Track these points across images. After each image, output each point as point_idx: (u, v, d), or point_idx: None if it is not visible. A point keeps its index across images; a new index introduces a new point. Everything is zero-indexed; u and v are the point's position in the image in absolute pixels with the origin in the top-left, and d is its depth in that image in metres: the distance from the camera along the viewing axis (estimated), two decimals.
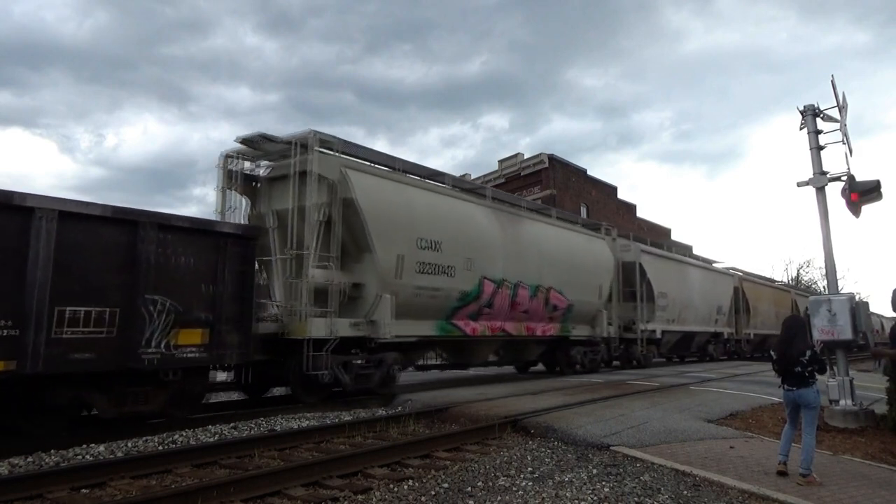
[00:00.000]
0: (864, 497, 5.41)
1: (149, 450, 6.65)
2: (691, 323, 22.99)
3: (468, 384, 13.45)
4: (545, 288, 15.08)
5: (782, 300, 34.03)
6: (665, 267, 21.67)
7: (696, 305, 23.46)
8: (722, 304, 26.11)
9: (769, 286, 32.67)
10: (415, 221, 11.63)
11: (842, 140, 10.04)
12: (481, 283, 12.92)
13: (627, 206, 39.76)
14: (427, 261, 11.70)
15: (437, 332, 12.31)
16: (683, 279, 22.71)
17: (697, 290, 23.58)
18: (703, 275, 24.79)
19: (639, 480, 5.66)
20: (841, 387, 9.20)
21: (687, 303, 22.57)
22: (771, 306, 31.93)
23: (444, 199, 12.98)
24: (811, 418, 5.96)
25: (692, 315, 23.09)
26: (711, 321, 24.93)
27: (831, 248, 10.03)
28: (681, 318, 22.00)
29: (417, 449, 6.65)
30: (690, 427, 8.10)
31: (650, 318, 19.51)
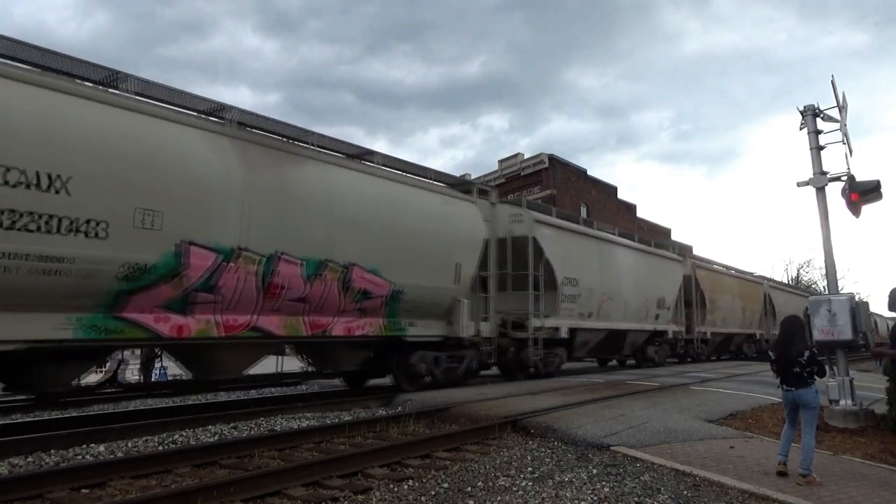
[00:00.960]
0: (864, 497, 5.41)
1: (149, 450, 6.65)
2: (618, 319, 17.94)
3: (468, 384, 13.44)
4: (342, 264, 10.16)
5: (751, 293, 29.14)
6: (576, 245, 16.52)
7: (626, 297, 18.32)
8: (665, 296, 20.90)
9: (733, 276, 28.02)
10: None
11: (842, 140, 10.05)
12: (182, 253, 8.11)
13: (627, 207, 39.76)
14: (28, 208, 6.75)
15: (78, 334, 7.43)
16: (606, 262, 17.70)
17: (628, 277, 18.56)
18: (636, 258, 19.62)
19: (639, 480, 5.66)
20: (841, 387, 9.20)
21: (611, 293, 17.50)
22: (736, 300, 27.27)
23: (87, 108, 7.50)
24: (811, 418, 5.96)
25: (619, 308, 17.99)
26: (649, 317, 19.93)
27: (831, 248, 10.04)
28: (602, 312, 17.08)
29: (417, 449, 6.65)
30: (690, 427, 8.10)
31: (551, 311, 14.95)
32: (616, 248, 18.59)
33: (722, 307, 25.71)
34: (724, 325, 26.08)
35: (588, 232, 17.55)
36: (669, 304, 21.20)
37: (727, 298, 26.36)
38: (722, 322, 25.79)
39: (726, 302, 26.23)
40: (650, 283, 20.00)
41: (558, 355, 15.81)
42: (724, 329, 26.05)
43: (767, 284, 31.90)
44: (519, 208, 15.08)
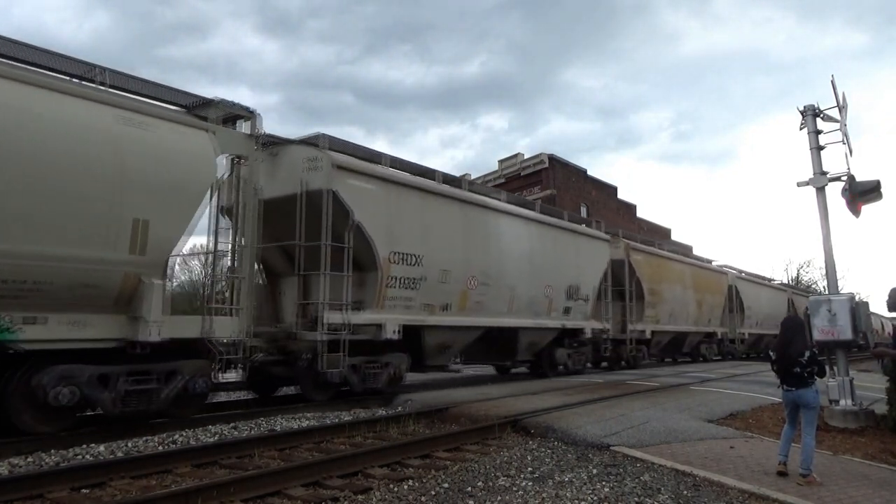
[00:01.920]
0: (864, 497, 5.41)
1: (149, 450, 6.64)
2: (499, 312, 13.28)
3: (468, 384, 13.44)
4: None
5: (710, 284, 24.45)
6: (419, 208, 11.46)
7: (514, 283, 13.66)
8: (581, 285, 16.19)
9: (686, 263, 22.88)
10: None
11: (842, 140, 10.05)
12: None
13: (627, 206, 39.77)
14: None
15: None
16: (477, 235, 12.77)
17: (519, 257, 13.96)
18: (534, 233, 14.69)
19: (639, 480, 5.66)
20: (841, 387, 9.19)
21: (486, 276, 12.77)
22: (689, 292, 22.40)
23: None
24: (811, 418, 5.96)
25: (500, 298, 13.29)
26: (554, 310, 15.28)
27: (831, 248, 10.04)
28: (469, 303, 12.47)
29: (417, 449, 6.65)
30: (690, 427, 8.10)
31: (373, 302, 10.47)
32: (499, 217, 13.60)
33: (669, 300, 20.92)
34: (673, 322, 21.28)
35: (444, 191, 12.13)
36: (587, 295, 16.44)
37: (676, 290, 21.49)
38: (669, 318, 21.00)
39: (675, 294, 21.37)
40: (557, 267, 15.21)
41: (392, 364, 10.85)
42: (671, 327, 21.18)
43: (733, 275, 26.99)
44: (315, 149, 10.05)
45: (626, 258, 18.99)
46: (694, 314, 23.01)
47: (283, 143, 10.55)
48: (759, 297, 29.68)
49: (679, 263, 22.71)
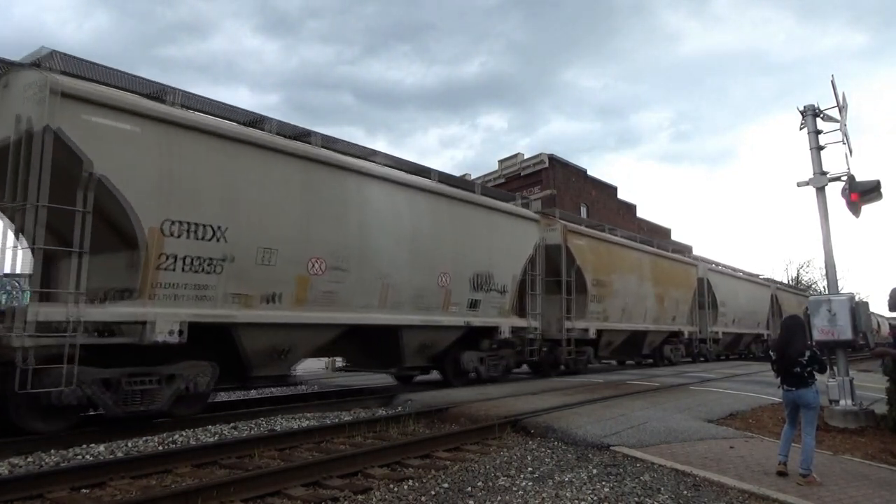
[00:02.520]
0: (864, 497, 5.41)
1: (149, 450, 6.64)
2: (359, 306, 10.24)
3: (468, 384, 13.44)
4: None
5: (675, 277, 21.43)
6: (215, 159, 8.22)
7: (388, 269, 10.68)
8: (495, 273, 13.18)
9: (644, 252, 19.87)
10: None
11: (842, 140, 10.05)
12: None
13: (627, 206, 39.75)
14: None
15: None
16: (321, 203, 9.66)
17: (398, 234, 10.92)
18: (423, 206, 11.62)
19: (639, 480, 5.66)
20: (841, 387, 9.19)
21: (341, 261, 9.84)
22: (646, 285, 19.39)
23: None
24: (811, 418, 5.96)
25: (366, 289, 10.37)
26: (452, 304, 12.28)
27: (831, 248, 10.04)
28: (327, 293, 9.67)
29: (417, 449, 6.65)
30: (690, 427, 8.10)
31: (132, 286, 7.58)
32: (365, 182, 10.30)
33: (621, 294, 17.99)
34: (627, 320, 18.40)
35: (267, 142, 8.84)
36: (504, 286, 13.46)
37: (630, 282, 18.57)
38: (622, 315, 18.11)
39: (629, 287, 18.46)
40: (459, 251, 12.22)
41: (181, 377, 7.88)
42: (624, 325, 18.33)
43: (705, 267, 24.59)
44: (37, 73, 7.01)
45: (564, 243, 15.62)
46: (654, 311, 20.00)
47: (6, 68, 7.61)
48: (737, 293, 26.98)
49: (635, 252, 19.52)
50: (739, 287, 27.70)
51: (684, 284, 22.29)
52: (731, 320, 26.29)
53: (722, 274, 26.42)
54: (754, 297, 29.46)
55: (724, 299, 25.11)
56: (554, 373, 15.52)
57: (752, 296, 29.03)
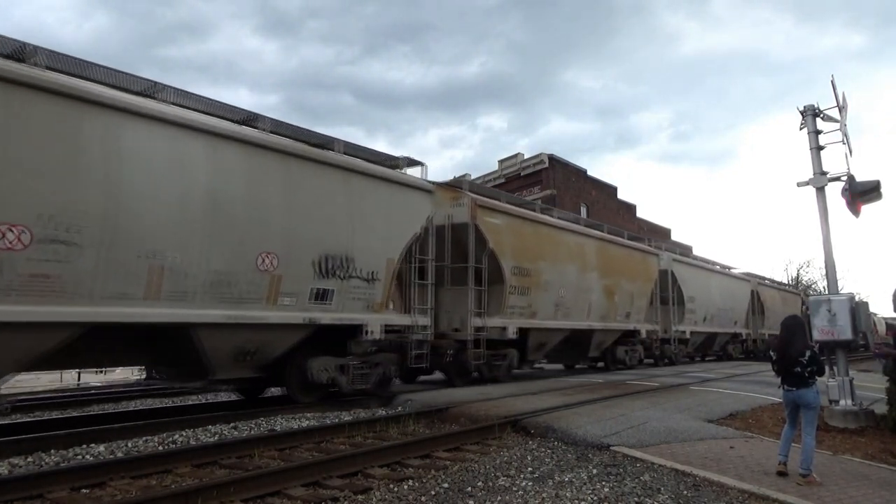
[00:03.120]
0: (864, 497, 5.41)
1: (149, 450, 6.65)
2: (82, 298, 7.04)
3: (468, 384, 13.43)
4: None
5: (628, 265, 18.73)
6: None
7: (181, 253, 7.91)
8: (353, 256, 10.18)
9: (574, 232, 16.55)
10: None
11: (842, 140, 10.05)
12: None
13: (627, 207, 39.77)
14: None
15: None
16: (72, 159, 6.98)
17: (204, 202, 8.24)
18: (245, 159, 8.84)
19: (639, 480, 5.66)
20: (841, 387, 9.20)
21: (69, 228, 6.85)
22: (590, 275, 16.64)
23: None
24: (811, 418, 5.96)
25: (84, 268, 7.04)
26: (270, 300, 9.05)
27: (831, 248, 10.04)
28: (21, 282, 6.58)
29: (417, 449, 6.65)
30: (690, 427, 8.10)
31: None
32: (122, 121, 7.46)
33: (554, 285, 14.98)
34: (563, 317, 15.49)
35: None
36: (374, 273, 10.55)
37: (567, 271, 15.59)
38: (555, 312, 15.15)
39: (565, 277, 15.43)
40: (295, 223, 9.32)
41: None
42: (560, 322, 15.38)
43: (669, 257, 21.49)
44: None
45: (472, 220, 12.71)
46: (601, 306, 17.10)
47: None
48: (708, 287, 24.08)
49: (573, 235, 16.35)
50: (713, 281, 24.71)
51: (642, 276, 19.25)
52: (703, 318, 23.29)
53: (691, 266, 23.20)
54: (731, 292, 26.29)
55: (692, 294, 22.16)
56: (461, 381, 12.90)
57: (728, 291, 25.96)
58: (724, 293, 25.58)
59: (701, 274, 23.91)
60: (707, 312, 23.71)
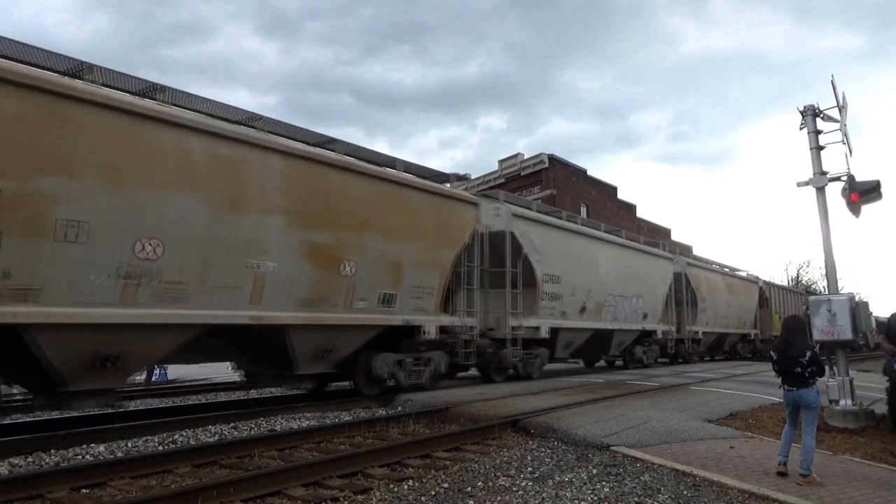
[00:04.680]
0: (864, 497, 5.41)
1: (149, 450, 6.65)
2: None
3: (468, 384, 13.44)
4: None
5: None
6: None
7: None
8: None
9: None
10: None
11: (842, 140, 10.04)
12: None
13: (627, 207, 39.74)
14: None
15: None
16: None
17: None
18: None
19: (639, 480, 5.66)
20: (841, 387, 9.19)
21: None
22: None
23: None
24: (811, 418, 5.96)
25: None
26: None
27: (831, 248, 10.03)
28: None
29: (417, 449, 6.65)
30: (690, 427, 8.10)
31: None
32: None
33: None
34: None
35: None
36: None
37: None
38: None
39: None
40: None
41: None
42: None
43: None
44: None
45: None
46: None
47: None
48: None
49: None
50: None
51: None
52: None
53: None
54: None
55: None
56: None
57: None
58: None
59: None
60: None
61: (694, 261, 23.96)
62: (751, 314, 28.10)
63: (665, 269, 20.94)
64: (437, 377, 12.00)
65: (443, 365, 12.05)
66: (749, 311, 27.88)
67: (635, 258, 19.21)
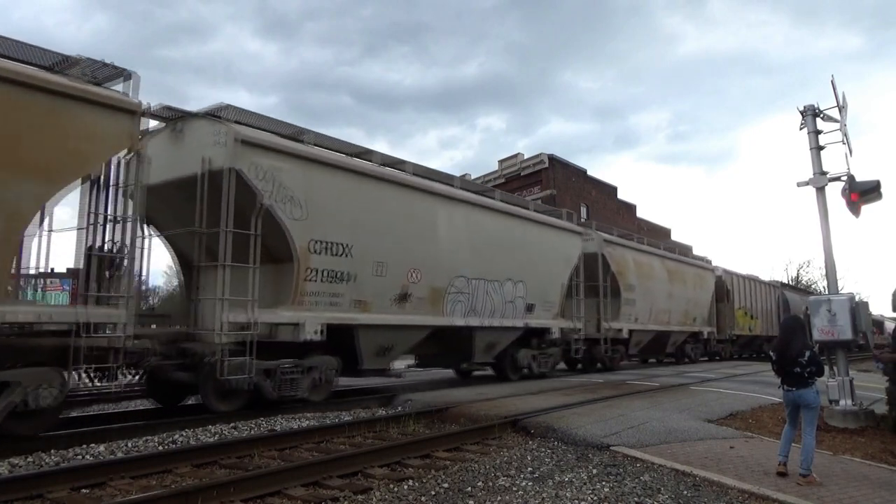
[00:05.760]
0: (863, 497, 5.41)
1: (149, 450, 6.64)
2: None
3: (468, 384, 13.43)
4: None
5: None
6: None
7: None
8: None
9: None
10: None
11: (842, 140, 10.04)
12: None
13: (627, 206, 39.75)
14: None
15: None
16: None
17: None
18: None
19: (639, 480, 5.66)
20: (841, 387, 9.19)
21: None
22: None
23: None
24: (811, 418, 5.96)
25: None
26: None
27: (831, 248, 10.03)
28: None
29: (417, 449, 6.65)
30: (690, 427, 8.10)
31: None
32: None
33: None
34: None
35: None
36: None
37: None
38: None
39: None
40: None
41: None
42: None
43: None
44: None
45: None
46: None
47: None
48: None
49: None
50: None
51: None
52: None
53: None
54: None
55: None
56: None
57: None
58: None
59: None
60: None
61: (616, 238, 18.60)
62: (704, 308, 23.07)
63: (567, 246, 16.01)
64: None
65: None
66: (702, 304, 22.90)
67: (511, 226, 14.08)
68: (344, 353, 10.33)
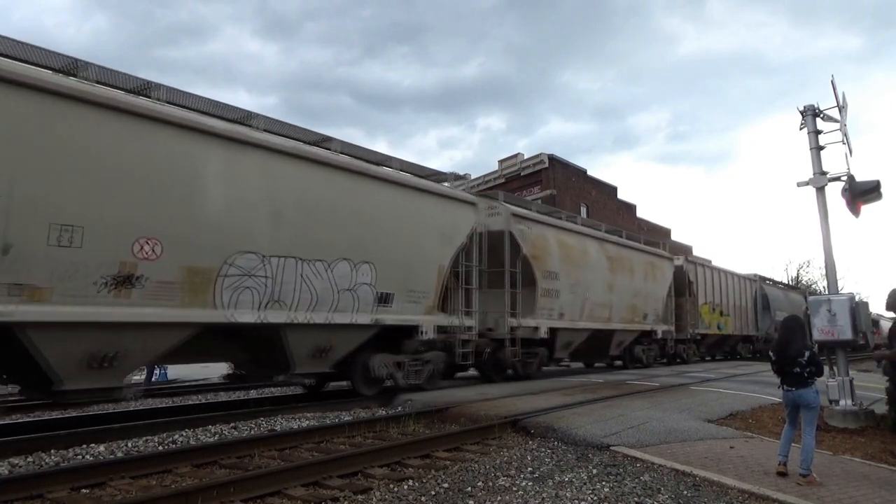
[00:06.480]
0: (863, 497, 5.41)
1: (149, 450, 6.65)
2: None
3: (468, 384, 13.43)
4: None
5: None
6: None
7: None
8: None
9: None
10: None
11: (842, 140, 10.04)
12: None
13: (627, 207, 39.74)
14: None
15: None
16: None
17: None
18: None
19: (639, 480, 5.66)
20: (841, 387, 9.19)
21: None
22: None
23: None
24: (811, 418, 5.96)
25: None
26: None
27: (831, 248, 10.03)
28: None
29: (417, 449, 6.65)
30: (690, 427, 8.10)
31: None
32: None
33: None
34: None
35: None
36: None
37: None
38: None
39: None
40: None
41: None
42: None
43: None
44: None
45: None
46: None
47: None
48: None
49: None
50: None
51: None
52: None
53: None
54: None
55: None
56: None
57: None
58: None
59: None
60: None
61: (531, 213, 14.72)
62: (658, 303, 19.49)
63: (450, 220, 12.25)
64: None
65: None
66: (655, 298, 19.28)
67: (352, 188, 10.20)
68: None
